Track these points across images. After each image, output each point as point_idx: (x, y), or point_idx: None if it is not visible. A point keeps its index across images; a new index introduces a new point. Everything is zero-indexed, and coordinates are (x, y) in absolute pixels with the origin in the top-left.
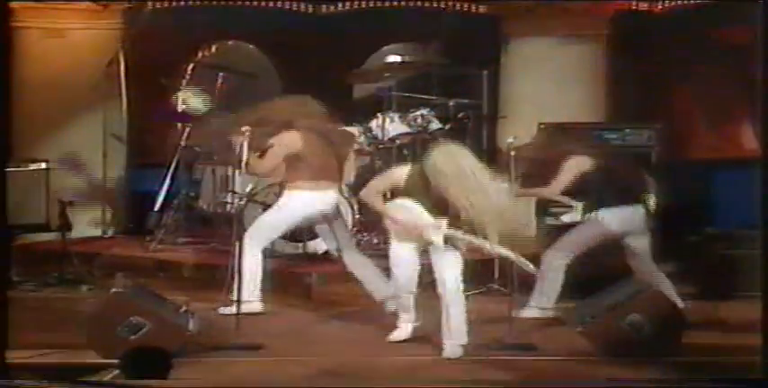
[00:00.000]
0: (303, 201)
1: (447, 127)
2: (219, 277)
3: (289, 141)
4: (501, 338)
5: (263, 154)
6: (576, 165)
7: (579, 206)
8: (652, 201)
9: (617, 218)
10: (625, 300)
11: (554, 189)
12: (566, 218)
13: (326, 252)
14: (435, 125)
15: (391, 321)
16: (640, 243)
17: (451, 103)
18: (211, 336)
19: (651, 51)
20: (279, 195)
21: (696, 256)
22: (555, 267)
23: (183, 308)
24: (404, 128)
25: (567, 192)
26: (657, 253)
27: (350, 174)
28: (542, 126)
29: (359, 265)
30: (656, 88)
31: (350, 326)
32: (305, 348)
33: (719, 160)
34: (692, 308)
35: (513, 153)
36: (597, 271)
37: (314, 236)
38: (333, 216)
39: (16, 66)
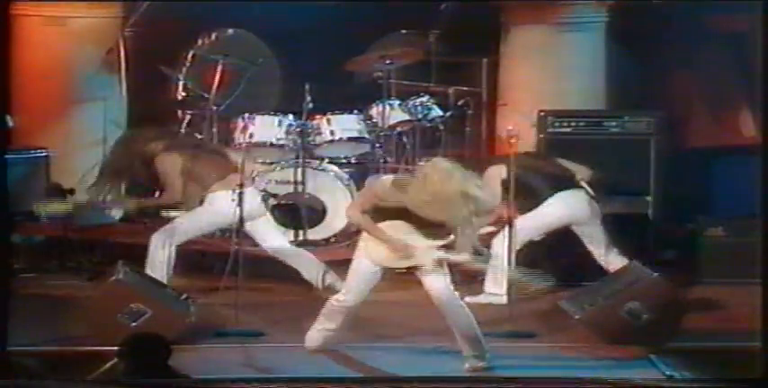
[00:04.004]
0: (220, 203)
1: (447, 114)
2: (219, 263)
3: (166, 163)
4: (500, 325)
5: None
6: (495, 175)
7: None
8: (587, 186)
9: (558, 205)
10: (623, 288)
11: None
12: None
13: (327, 240)
14: (436, 112)
15: (390, 311)
16: (593, 230)
17: (451, 91)
18: (211, 323)
19: (651, 39)
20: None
21: (693, 244)
22: (501, 254)
23: (184, 295)
24: (404, 116)
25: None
26: (655, 241)
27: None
28: (542, 113)
29: (292, 256)
30: (655, 76)
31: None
32: (305, 335)
33: (719, 148)
34: (689, 295)
35: (513, 140)
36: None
37: (314, 224)
38: (258, 211)
39: (17, 54)
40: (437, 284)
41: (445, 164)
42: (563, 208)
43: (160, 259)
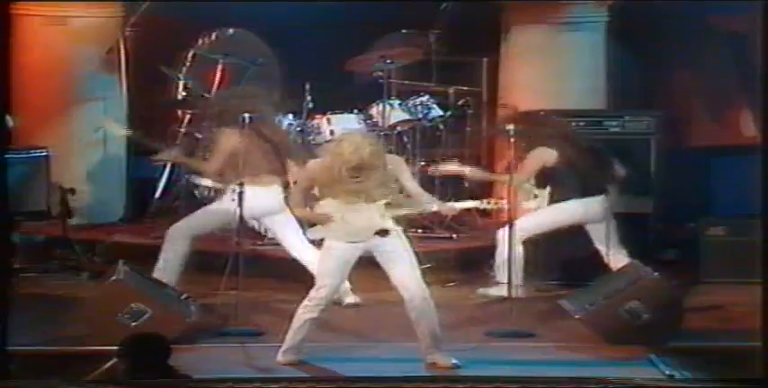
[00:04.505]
0: (245, 198)
1: (447, 114)
2: (219, 264)
3: (228, 139)
4: (500, 324)
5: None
6: (540, 156)
7: (545, 193)
8: (614, 189)
9: (580, 209)
10: (624, 287)
11: (520, 178)
12: (530, 205)
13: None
14: (436, 112)
15: (388, 309)
16: (602, 229)
17: (451, 91)
18: (212, 322)
19: (651, 38)
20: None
21: (694, 243)
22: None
23: (184, 295)
24: (404, 115)
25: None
26: (655, 240)
27: (292, 169)
28: (542, 113)
29: (308, 257)
30: (655, 75)
31: (348, 312)
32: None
33: (719, 147)
34: (690, 295)
35: (512, 140)
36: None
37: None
38: (278, 210)
39: (17, 54)
40: (403, 273)
41: (345, 136)
42: (581, 209)
43: (174, 253)
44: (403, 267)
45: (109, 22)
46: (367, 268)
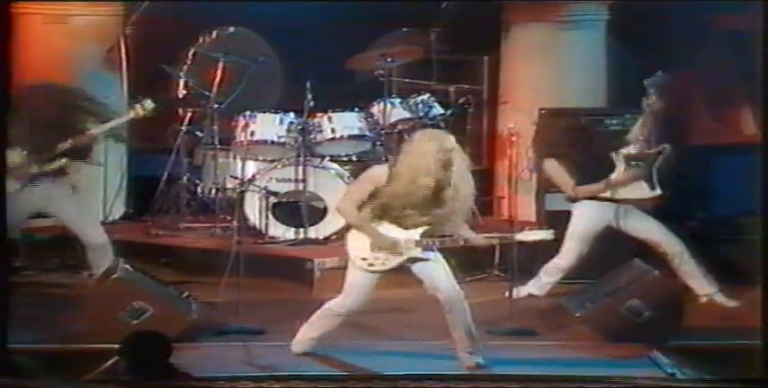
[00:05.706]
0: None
1: (448, 112)
2: (220, 261)
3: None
4: (501, 323)
5: None
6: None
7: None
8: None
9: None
10: (624, 285)
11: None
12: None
13: (327, 238)
14: (436, 110)
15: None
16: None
17: (452, 89)
18: (212, 320)
19: (651, 37)
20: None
21: (694, 242)
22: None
23: (185, 293)
24: (405, 114)
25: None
26: None
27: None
28: (543, 111)
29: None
30: (655, 74)
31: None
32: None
33: (719, 146)
34: (690, 293)
35: (513, 139)
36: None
37: (314, 222)
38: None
39: (18, 52)
40: (438, 277)
41: (424, 132)
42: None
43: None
44: (438, 272)
45: (110, 20)
46: None
